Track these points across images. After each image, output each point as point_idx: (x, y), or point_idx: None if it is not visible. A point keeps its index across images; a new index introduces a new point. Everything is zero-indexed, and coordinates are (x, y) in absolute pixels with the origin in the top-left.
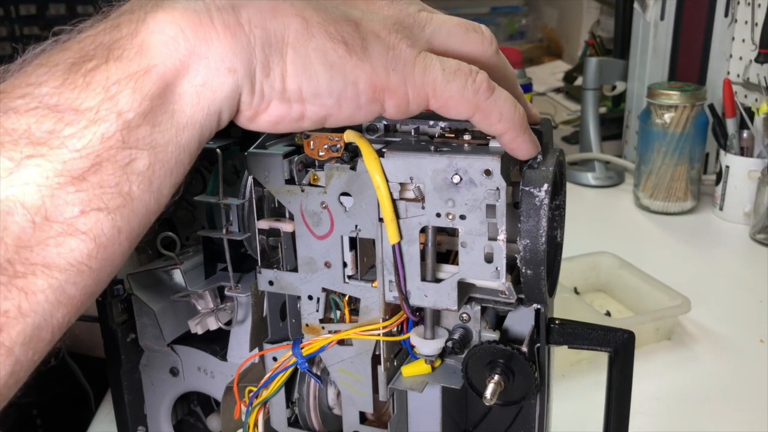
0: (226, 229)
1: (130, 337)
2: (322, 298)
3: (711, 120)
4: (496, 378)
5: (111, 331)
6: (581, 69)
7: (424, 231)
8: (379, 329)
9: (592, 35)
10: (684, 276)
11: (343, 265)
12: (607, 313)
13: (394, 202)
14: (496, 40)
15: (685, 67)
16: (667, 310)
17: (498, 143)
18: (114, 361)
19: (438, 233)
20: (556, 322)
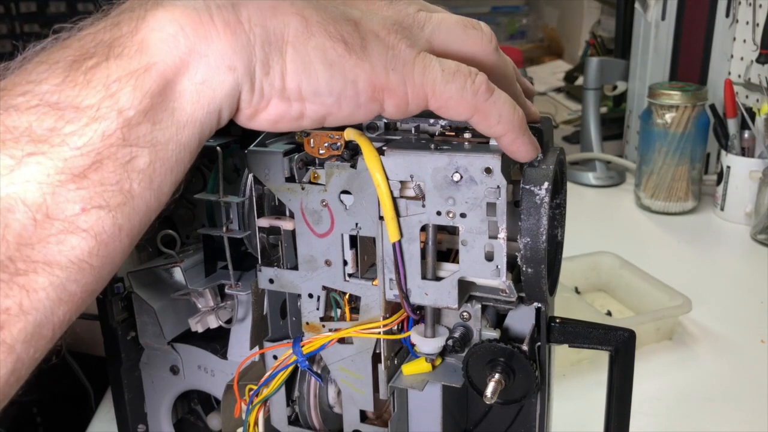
0: (226, 227)
1: (131, 335)
2: (323, 296)
3: (712, 120)
4: (496, 377)
5: (111, 329)
6: (582, 69)
7: (424, 229)
8: (379, 327)
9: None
10: (685, 276)
11: (344, 263)
12: (608, 313)
13: (395, 200)
14: (496, 38)
15: (686, 67)
16: (668, 310)
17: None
18: (114, 359)
19: (438, 231)
20: (557, 320)
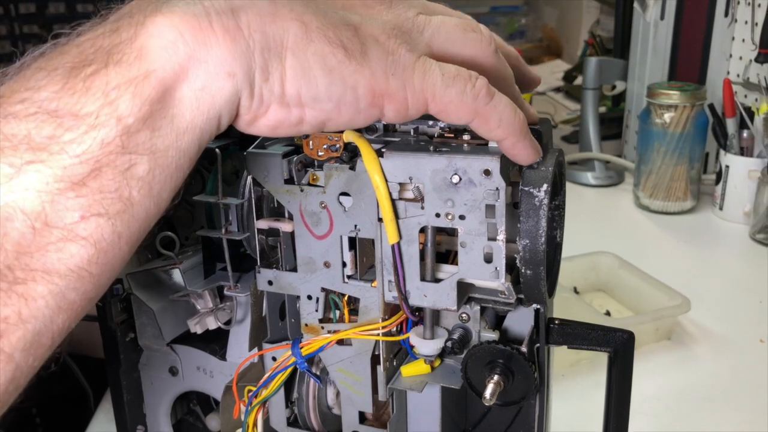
0: (225, 229)
1: (130, 336)
2: (322, 297)
3: (711, 120)
4: (495, 378)
5: (110, 330)
6: (581, 68)
7: (423, 231)
8: (378, 329)
9: (592, 35)
10: (684, 276)
11: (343, 264)
12: (607, 313)
13: (394, 202)
14: (495, 40)
15: (685, 67)
16: (667, 309)
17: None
18: (113, 360)
19: (437, 233)
20: (556, 322)
